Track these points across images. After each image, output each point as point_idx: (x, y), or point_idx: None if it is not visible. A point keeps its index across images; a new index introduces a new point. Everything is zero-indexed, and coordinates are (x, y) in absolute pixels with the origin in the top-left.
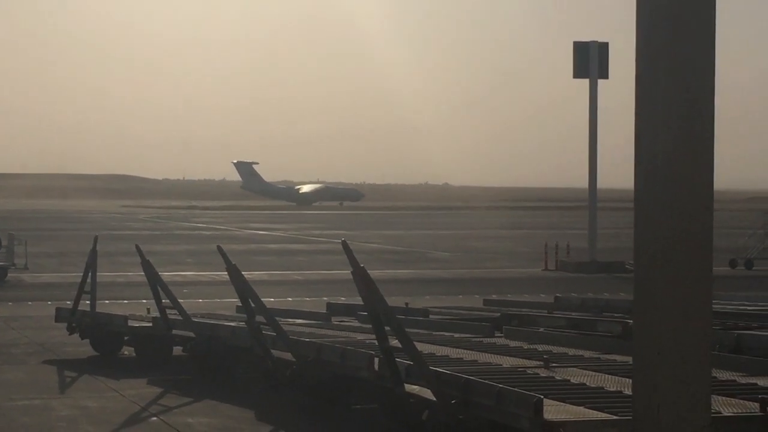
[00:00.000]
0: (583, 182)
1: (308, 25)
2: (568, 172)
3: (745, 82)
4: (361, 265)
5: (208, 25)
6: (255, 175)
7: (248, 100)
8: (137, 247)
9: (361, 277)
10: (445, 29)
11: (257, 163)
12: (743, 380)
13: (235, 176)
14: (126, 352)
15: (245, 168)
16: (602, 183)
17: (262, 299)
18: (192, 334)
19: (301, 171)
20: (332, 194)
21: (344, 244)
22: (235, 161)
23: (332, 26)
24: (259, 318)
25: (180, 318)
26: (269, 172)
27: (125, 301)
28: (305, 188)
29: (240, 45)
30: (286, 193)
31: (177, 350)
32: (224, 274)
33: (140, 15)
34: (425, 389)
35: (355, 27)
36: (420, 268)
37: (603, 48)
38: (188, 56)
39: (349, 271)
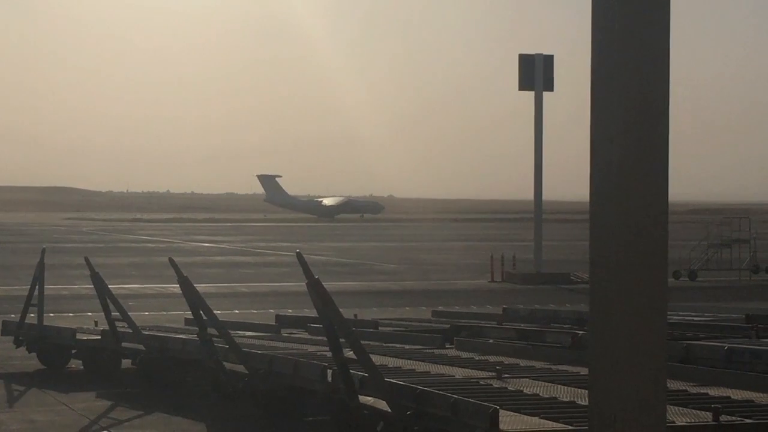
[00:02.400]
0: (529, 194)
1: (253, 36)
2: (513, 184)
3: (681, 97)
4: (316, 277)
5: (151, 35)
6: (278, 188)
7: (191, 111)
8: (86, 259)
9: (316, 289)
10: (391, 43)
11: (281, 176)
12: (694, 390)
13: (179, 188)
14: (74, 366)
15: (269, 181)
16: (547, 195)
17: None
18: (141, 347)
19: (244, 183)
20: (354, 207)
21: (299, 255)
22: (258, 174)
23: (276, 37)
24: (211, 330)
25: (129, 331)
26: (211, 183)
27: (71, 314)
28: (327, 201)
29: (183, 55)
30: (309, 206)
31: (126, 363)
32: (171, 287)
33: (81, 22)
34: (380, 401)
35: (300, 38)
36: (367, 280)
37: (548, 60)
38: (131, 66)
39: (296, 283)
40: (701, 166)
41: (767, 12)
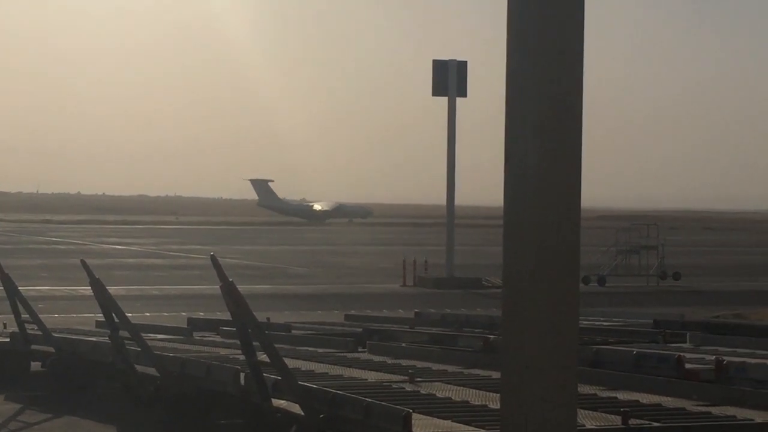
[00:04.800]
0: (442, 199)
1: (171, 36)
2: (426, 189)
3: (588, 102)
4: (230, 279)
5: (66, 34)
6: (271, 193)
7: (103, 111)
8: None
9: (230, 292)
10: (302, 47)
11: (272, 181)
12: (604, 394)
13: (90, 190)
14: None
15: (261, 185)
16: (460, 200)
17: None
18: (51, 350)
19: (156, 185)
20: (344, 212)
21: (213, 258)
22: (251, 179)
23: (196, 39)
24: (122, 333)
25: (39, 333)
26: (123, 185)
27: None
28: (318, 206)
29: (96, 55)
30: (300, 210)
31: (35, 366)
32: (81, 289)
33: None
34: (293, 404)
35: (218, 41)
36: (279, 284)
37: (462, 66)
38: (41, 64)
39: (208, 286)
40: (609, 172)
41: (677, 16)
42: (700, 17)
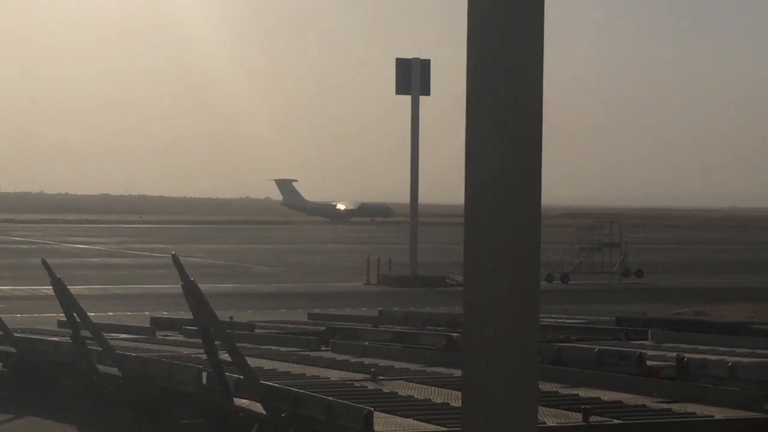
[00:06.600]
0: (405, 197)
1: (134, 36)
2: (389, 188)
3: (551, 99)
4: (192, 279)
5: (29, 28)
6: (295, 192)
7: (66, 108)
8: None
9: (191, 291)
10: (266, 45)
11: (296, 181)
12: (565, 391)
13: (52, 188)
14: None
15: (286, 185)
16: (423, 198)
17: None
18: (13, 350)
19: (118, 183)
20: (366, 211)
21: (174, 257)
22: (275, 179)
23: (160, 38)
24: (84, 332)
25: (0, 333)
26: (85, 184)
27: None
28: (342, 205)
29: (62, 51)
30: (324, 209)
31: None
32: (43, 288)
33: None
34: (255, 403)
35: (181, 40)
36: (243, 282)
37: (425, 65)
38: (4, 59)
39: (171, 286)
40: (572, 170)
41: (639, 15)
42: (661, 16)
